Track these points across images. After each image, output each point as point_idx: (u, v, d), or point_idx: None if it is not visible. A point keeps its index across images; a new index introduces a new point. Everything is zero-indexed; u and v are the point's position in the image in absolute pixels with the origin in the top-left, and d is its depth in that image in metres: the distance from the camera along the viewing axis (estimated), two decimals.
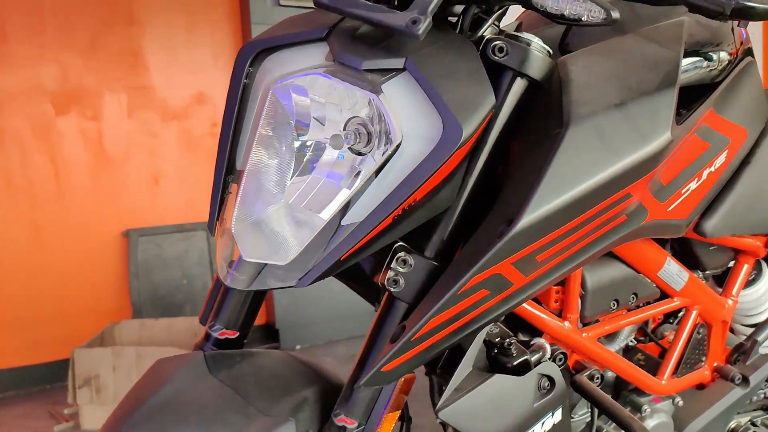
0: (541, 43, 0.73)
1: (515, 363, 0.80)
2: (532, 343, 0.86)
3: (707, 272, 1.12)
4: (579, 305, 0.91)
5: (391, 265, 0.74)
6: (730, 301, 1.10)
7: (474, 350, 0.78)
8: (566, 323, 0.90)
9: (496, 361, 0.81)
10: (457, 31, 0.77)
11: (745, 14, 0.64)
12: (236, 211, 0.72)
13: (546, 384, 0.79)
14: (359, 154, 0.70)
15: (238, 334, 0.92)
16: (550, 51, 0.75)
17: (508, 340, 0.82)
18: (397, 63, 0.68)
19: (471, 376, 0.77)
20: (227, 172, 0.76)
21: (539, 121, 0.74)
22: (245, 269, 0.71)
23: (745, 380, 1.09)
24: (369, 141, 0.70)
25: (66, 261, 2.69)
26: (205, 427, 0.74)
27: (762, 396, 1.20)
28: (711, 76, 0.85)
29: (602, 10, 0.62)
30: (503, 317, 0.76)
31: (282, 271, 0.70)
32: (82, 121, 2.76)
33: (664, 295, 1.02)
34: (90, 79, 2.76)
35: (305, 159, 0.71)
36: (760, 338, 1.14)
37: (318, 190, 0.70)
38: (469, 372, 0.77)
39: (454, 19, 0.80)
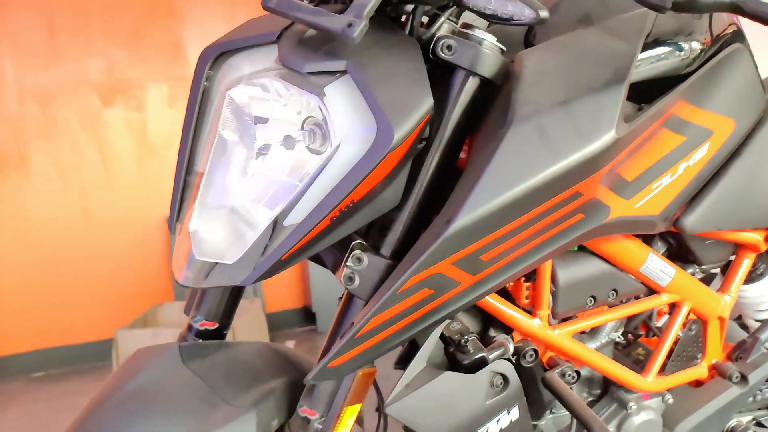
0: (493, 41, 0.72)
1: (470, 360, 0.80)
2: (494, 339, 0.86)
3: (705, 267, 1.08)
4: (550, 301, 0.90)
5: (347, 263, 0.75)
6: (727, 297, 1.06)
7: (428, 347, 0.79)
8: (536, 320, 0.90)
9: (452, 358, 0.82)
10: (408, 30, 0.77)
11: (687, 7, 0.62)
12: (193, 212, 0.75)
13: (499, 382, 0.79)
14: (318, 153, 0.71)
15: (217, 325, 0.96)
16: (503, 48, 0.74)
17: (466, 336, 0.82)
18: (339, 65, 0.69)
19: (423, 373, 0.78)
20: (187, 172, 0.79)
21: (491, 120, 0.73)
22: (197, 268, 0.74)
23: (743, 379, 1.06)
24: (324, 140, 0.71)
25: (114, 246, 2.84)
26: (169, 415, 0.78)
27: (767, 395, 1.16)
28: (682, 66, 0.81)
29: (532, 11, 0.61)
30: (455, 314, 0.76)
31: (231, 270, 0.73)
32: (126, 111, 2.88)
33: (652, 291, 0.99)
34: (133, 71, 2.88)
35: (259, 160, 0.73)
36: (762, 336, 1.09)
37: (266, 191, 0.72)
38: (423, 368, 0.78)
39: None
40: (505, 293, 0.92)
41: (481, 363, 0.80)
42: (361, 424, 0.96)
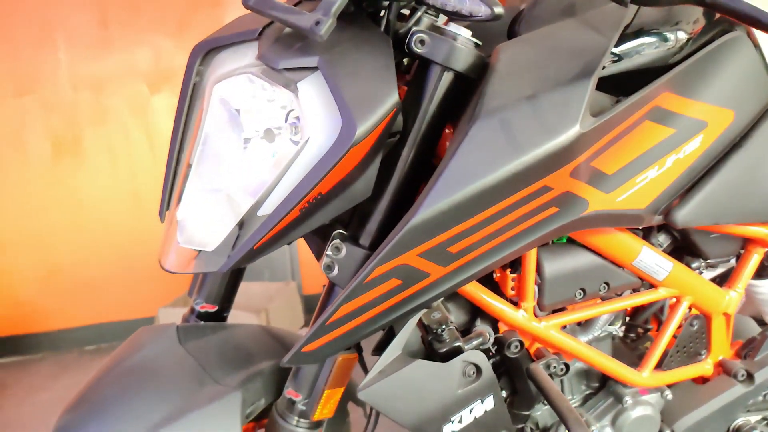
0: (467, 35, 0.73)
1: (445, 349, 0.82)
2: (474, 329, 0.87)
3: (712, 261, 1.05)
4: (535, 293, 0.90)
5: (327, 252, 0.78)
6: (733, 293, 1.02)
7: (404, 335, 0.81)
8: (521, 311, 0.90)
9: (430, 346, 0.83)
10: (384, 25, 0.78)
11: (648, 1, 0.61)
12: (181, 202, 0.79)
13: (472, 371, 0.80)
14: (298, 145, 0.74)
15: (217, 308, 1.01)
16: (478, 42, 0.75)
17: (444, 326, 0.84)
18: (311, 62, 0.71)
19: (397, 360, 0.80)
20: (177, 164, 0.83)
21: (465, 114, 0.74)
22: (181, 254, 0.79)
23: (749, 377, 1.03)
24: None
25: (160, 228, 2.95)
26: (160, 391, 0.83)
27: None
28: (668, 56, 0.79)
29: (487, 8, 0.61)
30: (429, 304, 0.77)
31: (211, 257, 0.77)
32: (173, 99, 2.98)
33: (652, 285, 0.98)
34: (179, 60, 2.97)
35: (241, 152, 0.77)
36: None
37: (246, 182, 0.75)
38: (398, 355, 0.80)
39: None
40: (492, 284, 0.93)
41: (456, 352, 0.81)
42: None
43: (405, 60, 0.85)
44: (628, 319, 1.18)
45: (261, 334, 0.99)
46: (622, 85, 0.77)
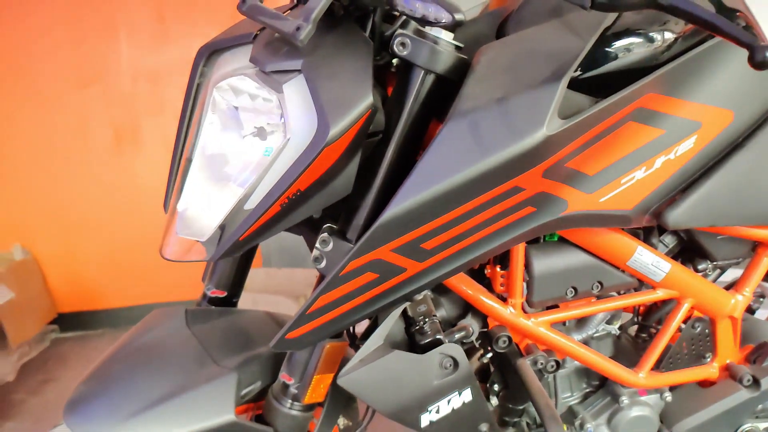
0: (448, 39, 0.75)
1: (425, 342, 0.84)
2: (460, 323, 0.89)
3: (719, 263, 1.03)
4: (524, 290, 0.91)
5: (316, 245, 0.82)
6: (739, 297, 1.00)
7: (386, 326, 0.84)
8: (509, 308, 0.91)
9: (412, 338, 0.86)
10: (369, 28, 0.81)
11: (608, 7, 0.61)
12: (181, 194, 0.85)
13: (449, 364, 0.83)
14: None
15: (226, 294, 1.07)
16: (460, 45, 0.76)
17: (427, 318, 0.86)
18: (296, 65, 0.75)
19: (379, 349, 0.83)
20: (180, 159, 0.89)
21: (444, 114, 0.76)
22: (179, 244, 0.84)
23: (755, 383, 1.01)
24: None
25: None
26: (164, 370, 0.90)
27: None
28: (655, 56, 0.78)
29: (449, 14, 0.63)
30: (411, 297, 0.80)
31: (206, 247, 0.82)
32: None
33: (649, 286, 0.97)
34: None
35: (235, 149, 0.82)
36: None
37: (237, 177, 0.80)
38: (380, 345, 0.84)
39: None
40: (484, 279, 0.95)
41: (436, 345, 0.84)
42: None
43: (394, 61, 0.87)
44: (640, 318, 1.17)
45: (265, 319, 1.04)
46: (608, 86, 0.77)
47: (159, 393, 0.86)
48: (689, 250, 1.02)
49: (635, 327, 1.18)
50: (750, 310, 1.36)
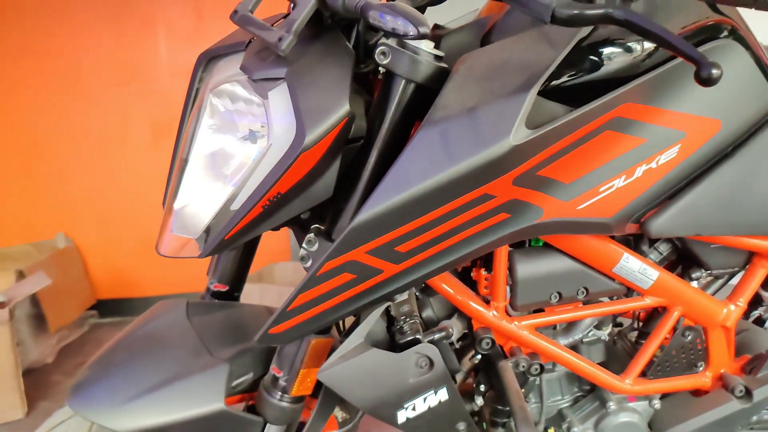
0: (428, 49, 0.77)
1: (403, 341, 0.87)
2: (441, 324, 0.91)
3: (716, 273, 1.02)
4: (507, 293, 0.93)
5: (302, 245, 0.86)
6: (732, 306, 0.99)
7: (367, 324, 0.87)
8: (492, 311, 0.93)
9: (393, 337, 0.89)
10: (354, 37, 0.84)
11: (567, 22, 0.62)
12: (177, 194, 0.90)
13: (424, 363, 0.85)
14: None
15: (227, 288, 1.11)
16: (440, 55, 0.78)
17: (408, 318, 0.89)
18: (280, 73, 0.79)
19: (359, 347, 0.86)
20: (180, 160, 0.94)
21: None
22: (174, 241, 0.89)
23: (747, 394, 1.00)
24: None
25: None
26: (161, 359, 0.95)
27: None
28: (634, 66, 0.78)
29: (414, 27, 0.66)
30: (391, 297, 0.83)
31: (199, 244, 0.87)
32: None
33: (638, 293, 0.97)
34: None
35: (229, 152, 0.86)
36: None
37: (227, 179, 0.85)
38: (360, 343, 0.87)
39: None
40: (470, 281, 0.97)
41: (414, 344, 0.87)
42: None
43: (381, 68, 0.90)
44: (640, 325, 1.17)
45: (263, 314, 1.09)
46: (589, 95, 0.78)
47: (155, 380, 0.91)
48: (683, 258, 1.02)
49: (635, 333, 1.17)
50: (761, 321, 1.34)
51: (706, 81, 0.58)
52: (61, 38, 3.01)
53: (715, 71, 0.57)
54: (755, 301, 1.18)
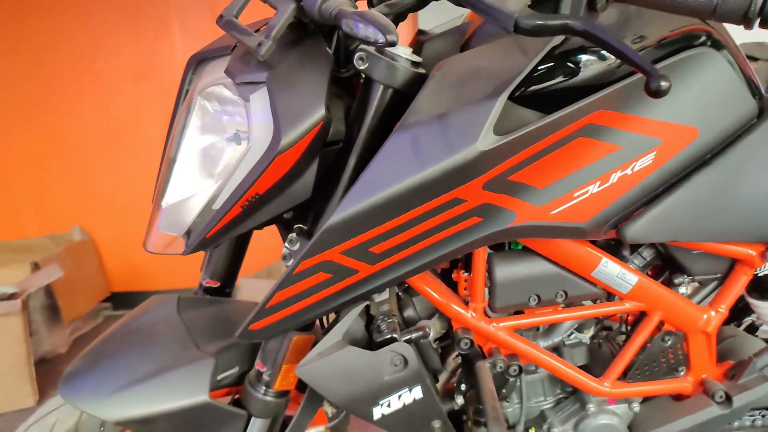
0: (406, 55, 0.79)
1: (379, 339, 0.89)
2: (418, 323, 0.93)
3: (699, 278, 1.02)
4: (486, 295, 0.94)
5: (285, 244, 0.89)
6: (713, 312, 1.00)
7: (345, 322, 0.89)
8: (470, 312, 0.95)
9: (371, 335, 0.91)
10: (335, 42, 0.86)
11: (529, 32, 0.64)
12: (165, 192, 0.93)
13: (399, 361, 0.87)
14: None
15: (219, 284, 1.15)
16: (417, 61, 0.80)
17: (386, 317, 0.91)
18: (261, 77, 0.81)
19: (336, 344, 0.88)
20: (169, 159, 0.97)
21: None
22: (161, 238, 0.92)
23: (727, 399, 1.00)
24: None
25: None
26: (150, 351, 0.98)
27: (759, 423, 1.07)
28: (608, 73, 0.79)
29: (382, 35, 0.67)
30: (368, 296, 0.85)
31: (181, 242, 0.89)
32: None
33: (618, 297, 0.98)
34: None
35: (214, 153, 0.89)
36: (759, 359, 1.01)
37: (212, 179, 0.87)
38: (338, 340, 0.89)
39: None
40: (451, 282, 0.99)
41: (390, 343, 0.89)
42: None
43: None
44: (628, 328, 1.17)
45: (252, 310, 1.11)
46: (561, 103, 0.79)
47: (142, 372, 0.95)
48: (667, 263, 1.02)
49: (623, 336, 1.18)
50: (753, 328, 1.33)
51: (655, 93, 0.59)
52: (82, 37, 3.08)
53: (663, 83, 0.59)
54: (746, 308, 1.18)
